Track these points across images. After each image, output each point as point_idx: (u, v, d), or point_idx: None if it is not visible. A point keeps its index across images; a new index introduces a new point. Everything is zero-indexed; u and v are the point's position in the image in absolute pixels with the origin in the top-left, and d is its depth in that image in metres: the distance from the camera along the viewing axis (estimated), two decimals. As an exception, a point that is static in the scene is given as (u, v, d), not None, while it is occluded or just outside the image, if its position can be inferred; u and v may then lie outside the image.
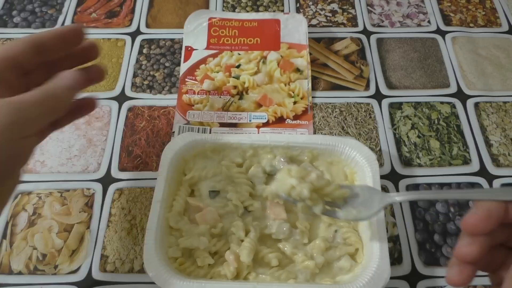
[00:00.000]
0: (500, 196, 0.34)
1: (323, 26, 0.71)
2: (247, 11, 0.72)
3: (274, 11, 0.72)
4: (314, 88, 0.64)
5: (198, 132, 0.59)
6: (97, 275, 0.50)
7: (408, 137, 0.60)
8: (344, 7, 0.74)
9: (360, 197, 0.44)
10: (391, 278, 0.43)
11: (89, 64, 0.44)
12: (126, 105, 0.62)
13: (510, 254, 0.35)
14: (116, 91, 0.64)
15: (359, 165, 0.50)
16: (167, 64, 0.66)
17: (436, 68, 0.67)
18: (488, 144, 0.59)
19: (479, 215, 0.33)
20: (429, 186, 0.56)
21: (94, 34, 0.70)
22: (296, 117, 0.61)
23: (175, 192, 0.49)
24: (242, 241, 0.46)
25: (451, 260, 0.35)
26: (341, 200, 0.44)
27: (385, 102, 0.63)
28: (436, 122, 0.61)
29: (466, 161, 0.58)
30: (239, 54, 0.66)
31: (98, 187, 0.55)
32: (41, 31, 0.40)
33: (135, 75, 0.65)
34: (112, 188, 0.55)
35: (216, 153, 0.52)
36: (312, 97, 0.63)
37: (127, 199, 0.54)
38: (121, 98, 0.63)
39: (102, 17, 0.72)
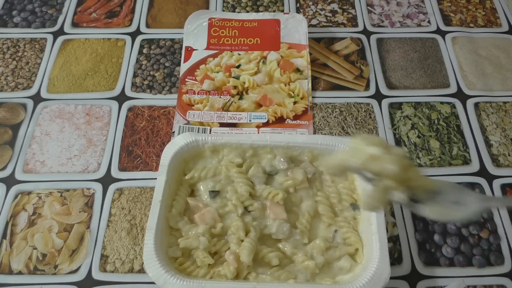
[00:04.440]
0: None
1: (323, 26, 0.71)
2: (247, 11, 0.72)
3: (274, 11, 0.72)
4: (314, 88, 0.64)
5: (198, 132, 0.59)
6: (97, 275, 0.50)
7: (408, 137, 0.60)
8: (344, 7, 0.74)
9: (447, 194, 0.36)
10: (391, 278, 0.43)
11: None
12: (126, 105, 0.62)
13: None
14: (116, 91, 0.64)
15: (359, 165, 0.50)
16: (167, 64, 0.66)
17: (436, 68, 0.67)
18: (488, 144, 0.59)
19: None
20: (429, 186, 0.56)
21: (94, 34, 0.70)
22: (296, 117, 0.61)
23: (175, 192, 0.49)
24: (242, 241, 0.46)
25: None
26: (422, 193, 0.35)
27: (385, 102, 0.63)
28: (436, 122, 0.61)
29: (466, 161, 0.58)
30: (239, 54, 0.66)
31: (98, 187, 0.55)
32: None
33: (135, 75, 0.65)
34: (112, 188, 0.55)
35: (216, 153, 0.52)
36: (312, 97, 0.63)
37: (127, 199, 0.54)
38: (121, 98, 0.63)
39: (102, 17, 0.72)
